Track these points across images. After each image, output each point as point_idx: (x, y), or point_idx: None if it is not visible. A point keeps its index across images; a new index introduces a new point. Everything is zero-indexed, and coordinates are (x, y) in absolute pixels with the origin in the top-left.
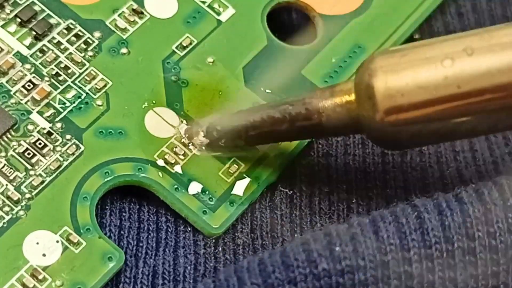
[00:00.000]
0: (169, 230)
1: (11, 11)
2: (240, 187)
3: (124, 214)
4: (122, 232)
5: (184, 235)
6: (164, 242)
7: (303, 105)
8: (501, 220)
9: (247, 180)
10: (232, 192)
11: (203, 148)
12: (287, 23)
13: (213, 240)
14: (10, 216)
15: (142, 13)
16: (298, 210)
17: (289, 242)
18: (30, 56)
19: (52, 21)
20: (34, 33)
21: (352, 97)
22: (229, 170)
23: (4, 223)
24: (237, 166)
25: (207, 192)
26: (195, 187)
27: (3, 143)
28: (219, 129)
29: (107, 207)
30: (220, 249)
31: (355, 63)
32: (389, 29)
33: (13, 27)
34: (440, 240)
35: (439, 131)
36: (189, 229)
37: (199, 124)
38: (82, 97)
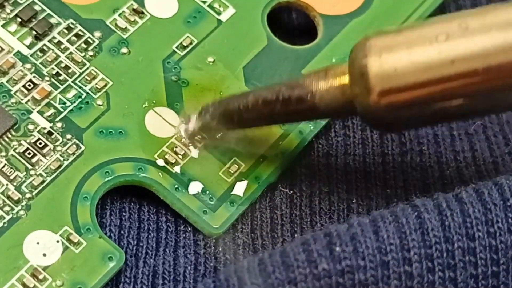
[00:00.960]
0: (169, 230)
1: (11, 10)
2: (240, 188)
3: (124, 214)
4: (122, 232)
5: (184, 235)
6: (164, 242)
7: (296, 87)
8: (501, 220)
9: (247, 180)
10: (232, 193)
11: (196, 135)
12: (288, 23)
13: (213, 240)
14: (11, 216)
15: (142, 12)
16: (298, 210)
17: (289, 242)
18: (31, 55)
19: (52, 20)
20: (34, 32)
21: (346, 78)
22: (230, 170)
23: (4, 222)
24: (237, 166)
25: (207, 192)
26: (195, 187)
27: (3, 142)
28: (212, 110)
29: (107, 207)
30: (220, 249)
31: None
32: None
33: (13, 27)
34: (440, 240)
35: (435, 112)
36: (189, 229)
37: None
38: (83, 96)
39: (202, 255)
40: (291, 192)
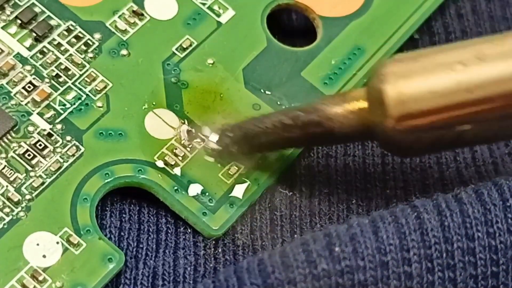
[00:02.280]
0: (169, 231)
1: (11, 12)
2: (239, 190)
3: (124, 215)
4: (122, 234)
5: (184, 237)
6: (164, 243)
7: (315, 112)
8: (501, 221)
9: (247, 182)
10: (231, 195)
11: (213, 155)
12: (287, 24)
13: (213, 242)
14: (11, 217)
15: (142, 14)
16: (298, 211)
17: (288, 243)
18: (31, 57)
19: (52, 22)
20: (34, 34)
21: (364, 103)
22: (229, 171)
23: (4, 224)
24: (237, 168)
25: (207, 194)
26: (195, 189)
27: (3, 144)
28: (231, 135)
29: (107, 208)
30: (220, 250)
31: (355, 64)
32: (389, 31)
33: (13, 29)
34: (440, 240)
35: (451, 137)
36: (189, 230)
37: (203, 129)
38: (82, 98)
39: (202, 256)
40: (291, 193)
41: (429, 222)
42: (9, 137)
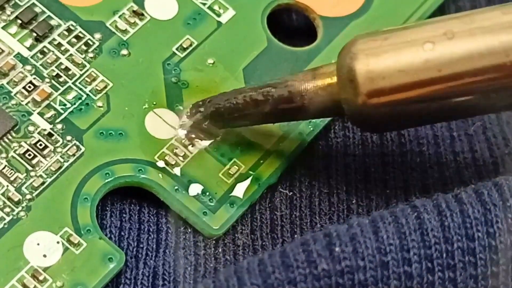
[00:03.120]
0: (169, 231)
1: (11, 12)
2: (240, 189)
3: (124, 215)
4: (122, 233)
5: (184, 236)
6: (164, 243)
7: (285, 88)
8: (501, 221)
9: (247, 182)
10: (232, 194)
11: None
12: (288, 24)
13: (213, 241)
14: (11, 217)
15: (142, 14)
16: (298, 211)
17: (289, 243)
18: (31, 57)
19: (52, 22)
20: (34, 34)
21: (334, 79)
22: (229, 171)
23: (5, 224)
24: (237, 168)
25: (207, 194)
26: (195, 189)
27: (3, 144)
28: (202, 110)
29: (107, 208)
30: (220, 250)
31: None
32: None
33: (13, 29)
34: (440, 240)
35: (421, 114)
36: (189, 230)
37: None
38: (83, 98)
39: (202, 256)
40: (291, 193)
41: (429, 222)
42: (10, 137)
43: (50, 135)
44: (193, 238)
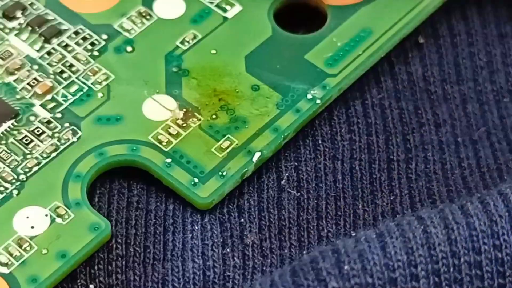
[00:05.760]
0: (176, 230)
1: (24, 20)
2: (231, 162)
3: (130, 221)
4: (128, 241)
5: (191, 235)
6: (172, 244)
7: None
8: (507, 233)
9: (239, 155)
10: (222, 166)
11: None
12: (296, 17)
13: (221, 240)
14: (4, 194)
15: (149, 15)
16: (305, 213)
17: (298, 260)
18: (39, 58)
19: (62, 27)
20: (43, 38)
21: None
22: (222, 146)
23: None
24: (229, 142)
25: (198, 167)
26: (186, 163)
27: (5, 132)
28: None
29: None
30: (228, 251)
31: (361, 46)
32: (398, 14)
33: (25, 35)
34: (447, 255)
35: None
36: (196, 232)
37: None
38: (84, 90)
39: (210, 258)
40: (299, 194)
41: (436, 236)
42: (11, 126)
43: (49, 122)
44: (201, 239)
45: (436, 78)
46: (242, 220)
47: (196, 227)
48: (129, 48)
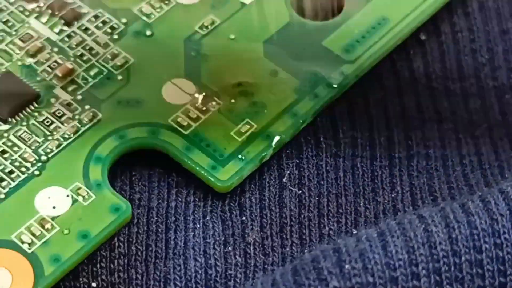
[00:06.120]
0: (178, 229)
1: (44, 3)
2: (251, 146)
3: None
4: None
5: (193, 233)
6: (174, 243)
7: None
8: (508, 231)
9: (258, 139)
10: (242, 150)
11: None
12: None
13: (223, 239)
14: (26, 175)
15: (168, 0)
16: (306, 211)
17: (299, 258)
18: (59, 41)
19: (82, 10)
20: (63, 21)
21: None
22: (241, 130)
23: (20, 181)
24: (248, 126)
25: (217, 151)
26: (206, 147)
27: (26, 114)
28: None
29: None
30: (230, 249)
31: (378, 33)
32: (414, 3)
33: (45, 18)
34: (448, 253)
35: None
36: (198, 230)
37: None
38: (104, 73)
39: (212, 256)
40: (300, 191)
41: (437, 235)
42: (32, 108)
43: (69, 104)
44: (202, 234)
45: (438, 75)
46: (244, 218)
47: (198, 225)
48: (148, 32)
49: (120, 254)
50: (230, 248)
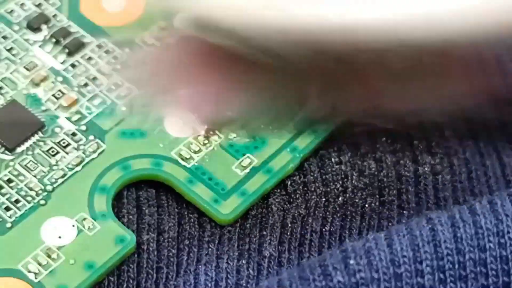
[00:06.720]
0: (193, 244)
1: (48, 32)
2: (252, 180)
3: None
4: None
5: (207, 251)
6: (186, 256)
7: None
8: None
9: (259, 173)
10: (243, 185)
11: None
12: None
13: (237, 253)
14: (32, 204)
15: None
16: (329, 226)
17: (307, 260)
18: (63, 70)
19: (85, 40)
20: (67, 50)
21: None
22: (242, 164)
23: (26, 210)
24: (249, 160)
25: (219, 184)
26: (208, 180)
27: (31, 143)
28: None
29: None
30: (244, 262)
31: None
32: None
33: (49, 47)
34: (452, 252)
35: None
36: (211, 244)
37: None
38: (107, 103)
39: (224, 269)
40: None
41: (442, 234)
42: (38, 137)
43: (74, 134)
44: (216, 251)
45: None
46: (264, 232)
47: (212, 247)
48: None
49: (129, 278)
50: (243, 262)
